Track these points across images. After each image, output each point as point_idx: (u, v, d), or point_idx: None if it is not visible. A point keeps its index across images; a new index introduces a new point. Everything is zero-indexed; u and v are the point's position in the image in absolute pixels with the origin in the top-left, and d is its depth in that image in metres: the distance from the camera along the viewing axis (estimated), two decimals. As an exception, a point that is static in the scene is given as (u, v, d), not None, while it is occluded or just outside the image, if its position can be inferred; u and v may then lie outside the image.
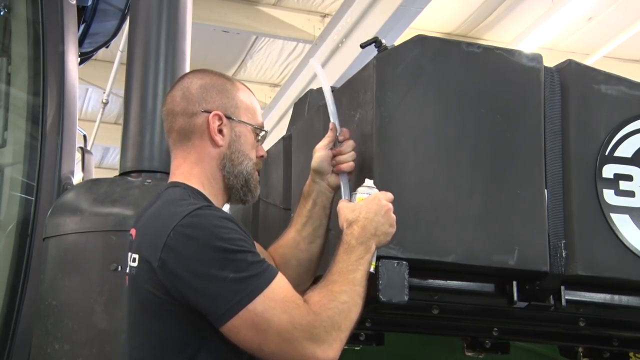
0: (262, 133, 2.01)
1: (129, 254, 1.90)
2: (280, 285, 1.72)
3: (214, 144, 1.94)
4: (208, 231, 1.73)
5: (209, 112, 1.94)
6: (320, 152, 2.01)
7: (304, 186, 2.06)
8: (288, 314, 1.69)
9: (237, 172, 1.95)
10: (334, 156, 1.99)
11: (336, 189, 2.01)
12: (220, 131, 1.94)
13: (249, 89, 2.06)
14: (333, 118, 2.01)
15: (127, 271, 1.89)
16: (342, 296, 1.74)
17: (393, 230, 1.84)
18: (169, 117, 1.99)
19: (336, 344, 1.71)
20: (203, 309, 1.70)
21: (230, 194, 1.97)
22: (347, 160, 1.98)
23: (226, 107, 1.96)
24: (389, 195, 1.86)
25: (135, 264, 1.81)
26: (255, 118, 2.01)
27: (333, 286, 1.75)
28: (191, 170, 1.94)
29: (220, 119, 1.94)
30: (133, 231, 1.94)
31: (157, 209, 1.86)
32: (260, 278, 1.70)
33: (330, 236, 2.06)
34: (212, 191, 1.93)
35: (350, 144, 1.99)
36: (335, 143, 2.00)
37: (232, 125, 1.96)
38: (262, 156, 2.01)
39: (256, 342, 1.69)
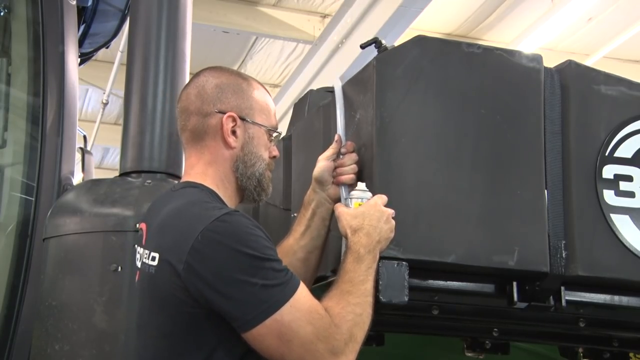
0: (275, 134, 2.01)
1: (140, 248, 1.88)
2: (304, 295, 1.74)
3: (227, 145, 1.93)
4: (238, 237, 1.72)
5: (224, 112, 1.93)
6: (323, 162, 2.01)
7: (306, 195, 2.06)
8: (313, 326, 1.71)
9: (249, 174, 1.95)
10: (336, 168, 1.99)
11: (336, 201, 2.00)
12: (233, 132, 1.93)
13: (265, 88, 2.05)
14: (340, 130, 2.01)
15: (140, 266, 1.87)
16: (357, 308, 1.77)
17: (393, 235, 1.86)
18: (183, 115, 1.98)
19: (352, 354, 1.75)
20: (228, 314, 1.70)
21: (243, 194, 1.97)
22: (348, 173, 1.97)
23: (241, 108, 1.95)
24: (385, 199, 1.88)
25: (155, 263, 1.79)
26: (269, 119, 2.00)
27: (349, 297, 1.77)
28: (205, 170, 1.93)
29: (234, 120, 1.93)
30: (143, 225, 1.92)
31: (178, 208, 1.83)
32: (287, 287, 1.72)
33: (331, 237, 2.05)
34: (226, 192, 1.93)
35: (352, 157, 1.98)
36: (339, 155, 2.00)
37: (245, 126, 1.95)
38: (275, 156, 2.01)
39: (279, 352, 1.71)
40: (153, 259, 1.80)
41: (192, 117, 1.95)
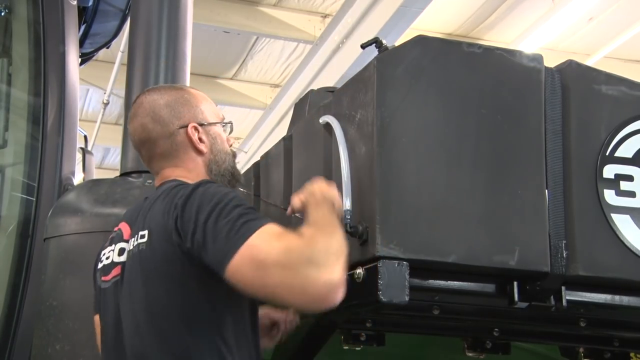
0: (228, 124, 2.15)
1: (121, 243, 1.96)
2: (274, 226, 1.75)
3: (199, 153, 2.06)
4: (213, 193, 1.83)
5: (185, 126, 2.05)
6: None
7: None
8: (284, 242, 1.69)
9: (223, 171, 2.09)
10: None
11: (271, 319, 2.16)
12: (200, 140, 2.06)
13: (195, 88, 2.19)
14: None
15: (125, 256, 1.93)
16: (329, 228, 1.78)
17: (335, 193, 1.91)
18: (146, 146, 2.08)
19: (337, 267, 1.68)
20: (208, 256, 1.75)
21: None
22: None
23: (196, 116, 2.08)
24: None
25: (145, 239, 1.86)
26: (218, 114, 2.15)
27: (317, 226, 1.79)
28: (185, 177, 2.02)
29: (196, 129, 2.06)
30: (124, 225, 2.00)
31: (165, 192, 1.93)
32: (257, 220, 1.75)
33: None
34: None
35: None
36: None
37: (206, 130, 2.08)
38: (231, 145, 2.15)
39: (259, 277, 1.68)
40: (142, 236, 1.88)
41: (159, 142, 2.05)
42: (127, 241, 1.96)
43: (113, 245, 2.00)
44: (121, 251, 1.96)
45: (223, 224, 1.74)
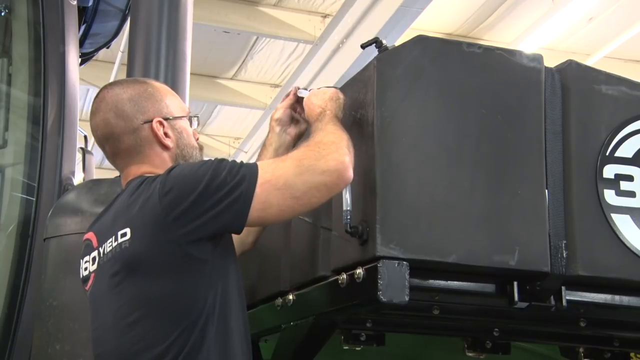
0: (194, 118, 2.12)
1: (93, 252, 1.96)
2: (262, 162, 1.89)
3: (165, 148, 2.02)
4: (189, 165, 1.86)
5: (150, 121, 2.00)
6: (282, 109, 2.21)
7: (265, 139, 2.21)
8: (288, 159, 1.84)
9: None
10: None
11: (296, 137, 2.21)
12: (166, 134, 2.02)
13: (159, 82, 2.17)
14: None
15: (99, 264, 1.93)
16: (325, 130, 1.91)
17: (325, 93, 2.04)
18: (109, 142, 2.02)
19: (338, 151, 1.83)
20: (226, 217, 1.77)
21: None
22: None
23: (161, 110, 2.04)
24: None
25: (128, 237, 1.82)
26: (184, 108, 2.11)
27: (313, 134, 1.92)
28: (153, 172, 1.98)
29: (161, 124, 2.01)
30: (91, 235, 1.99)
31: (129, 194, 1.90)
32: (247, 164, 1.84)
33: (332, 237, 2.06)
34: None
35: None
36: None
37: (171, 124, 2.04)
38: (197, 139, 2.12)
39: (289, 196, 1.80)
40: (124, 235, 1.84)
41: (123, 138, 2.00)
42: (97, 249, 1.95)
43: (88, 256, 2.00)
44: (93, 260, 1.96)
45: (221, 183, 1.76)
